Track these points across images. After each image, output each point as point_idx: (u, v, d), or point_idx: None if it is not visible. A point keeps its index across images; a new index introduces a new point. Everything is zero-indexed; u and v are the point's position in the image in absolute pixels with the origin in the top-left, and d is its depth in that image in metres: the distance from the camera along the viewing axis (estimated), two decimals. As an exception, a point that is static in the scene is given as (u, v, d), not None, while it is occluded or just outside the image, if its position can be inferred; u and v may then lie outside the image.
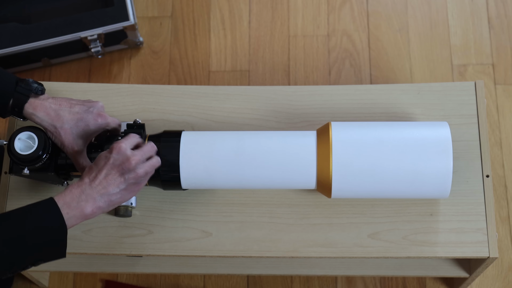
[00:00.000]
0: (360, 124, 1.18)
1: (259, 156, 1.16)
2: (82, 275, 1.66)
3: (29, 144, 1.13)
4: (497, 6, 1.88)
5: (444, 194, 1.16)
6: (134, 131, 1.18)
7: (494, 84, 1.81)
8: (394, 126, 1.17)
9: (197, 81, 1.85)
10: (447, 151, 1.13)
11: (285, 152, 1.16)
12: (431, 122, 1.18)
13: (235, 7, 1.92)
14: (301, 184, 1.17)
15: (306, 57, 1.86)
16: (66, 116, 1.16)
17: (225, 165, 1.16)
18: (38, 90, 1.17)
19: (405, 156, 1.13)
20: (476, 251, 1.22)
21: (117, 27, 1.77)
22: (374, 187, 1.15)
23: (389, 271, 1.47)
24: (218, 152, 1.16)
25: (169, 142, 1.17)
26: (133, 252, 1.24)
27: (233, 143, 1.17)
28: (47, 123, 1.15)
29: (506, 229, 1.67)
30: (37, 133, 1.14)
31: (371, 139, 1.14)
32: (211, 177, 1.17)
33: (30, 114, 1.15)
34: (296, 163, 1.15)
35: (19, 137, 1.13)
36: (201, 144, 1.17)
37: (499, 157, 1.73)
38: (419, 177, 1.13)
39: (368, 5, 1.91)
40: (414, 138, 1.14)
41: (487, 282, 1.64)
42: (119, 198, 1.10)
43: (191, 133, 1.20)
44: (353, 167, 1.13)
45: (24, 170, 1.14)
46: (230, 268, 1.47)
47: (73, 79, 1.86)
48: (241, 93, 1.34)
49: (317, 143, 1.16)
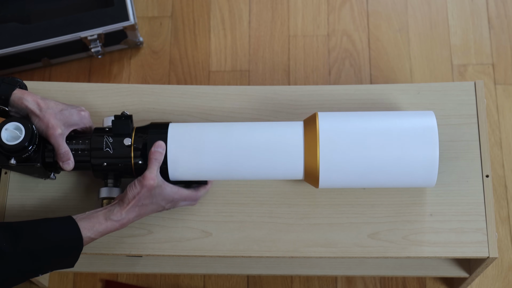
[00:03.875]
0: (347, 114, 1.19)
1: (246, 146, 1.16)
2: (82, 275, 1.66)
3: (16, 135, 1.14)
4: (497, 6, 1.88)
5: (431, 183, 1.16)
6: (122, 121, 1.18)
7: (494, 84, 1.81)
8: (380, 116, 1.18)
9: (197, 81, 1.85)
10: (433, 139, 1.13)
11: (272, 142, 1.16)
12: (417, 112, 1.19)
13: (235, 7, 1.92)
14: (288, 174, 1.18)
15: (306, 57, 1.86)
16: (52, 103, 1.19)
17: (212, 156, 1.16)
18: (22, 84, 1.22)
19: (391, 144, 1.14)
20: (476, 251, 1.22)
21: (117, 27, 1.77)
22: (361, 176, 1.15)
23: (389, 271, 1.47)
24: (205, 143, 1.16)
25: (156, 134, 1.18)
26: (133, 252, 1.24)
27: (220, 134, 1.17)
28: (34, 106, 1.17)
29: (506, 229, 1.67)
30: (24, 123, 1.14)
31: (357, 129, 1.15)
32: (199, 168, 1.17)
33: (19, 98, 1.17)
34: (283, 153, 1.16)
35: (6, 128, 1.14)
36: (188, 135, 1.17)
37: (499, 157, 1.73)
38: (405, 165, 1.14)
39: (368, 5, 1.91)
40: (400, 127, 1.15)
41: (487, 282, 1.64)
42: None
43: (178, 124, 1.20)
44: (340, 156, 1.14)
45: (11, 160, 1.15)
46: (230, 268, 1.47)
47: (73, 79, 1.86)
48: (241, 93, 1.34)
49: (304, 133, 1.16)
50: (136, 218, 1.17)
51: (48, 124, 1.17)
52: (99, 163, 1.18)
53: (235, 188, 1.27)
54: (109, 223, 1.14)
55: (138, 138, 1.18)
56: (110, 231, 1.15)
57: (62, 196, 1.27)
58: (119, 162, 1.18)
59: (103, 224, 1.13)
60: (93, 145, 1.18)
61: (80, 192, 1.27)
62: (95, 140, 1.19)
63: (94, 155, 1.18)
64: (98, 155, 1.18)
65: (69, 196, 1.27)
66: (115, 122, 1.18)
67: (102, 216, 1.14)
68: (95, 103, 1.33)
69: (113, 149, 1.18)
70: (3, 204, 1.27)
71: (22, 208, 1.27)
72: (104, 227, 1.13)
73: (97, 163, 1.18)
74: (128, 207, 1.15)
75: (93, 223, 1.13)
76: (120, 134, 1.18)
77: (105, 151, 1.18)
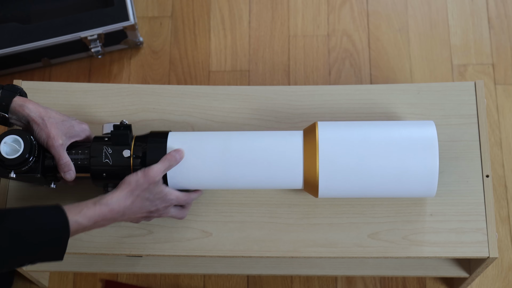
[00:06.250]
0: (346, 124, 1.19)
1: (245, 156, 1.16)
2: (82, 275, 1.66)
3: (15, 148, 1.13)
4: (497, 6, 1.88)
5: (431, 193, 1.16)
6: (121, 132, 1.18)
7: (494, 84, 1.81)
8: (380, 126, 1.18)
9: (197, 81, 1.85)
10: (433, 150, 1.13)
11: (271, 152, 1.16)
12: (417, 121, 1.19)
13: (235, 7, 1.92)
14: (288, 183, 1.17)
15: (306, 57, 1.86)
16: (54, 113, 1.18)
17: (212, 165, 1.16)
18: (22, 92, 1.21)
19: (391, 155, 1.13)
20: (476, 251, 1.22)
21: (117, 27, 1.77)
22: (361, 186, 1.15)
23: (389, 271, 1.47)
24: (204, 152, 1.16)
25: (156, 142, 1.18)
26: (133, 252, 1.24)
27: (219, 143, 1.17)
28: (35, 114, 1.16)
29: (506, 229, 1.67)
30: (23, 136, 1.13)
31: (357, 139, 1.15)
32: (198, 177, 1.17)
33: (20, 106, 1.16)
34: (282, 163, 1.15)
35: (5, 141, 1.13)
36: (188, 145, 1.17)
37: (499, 157, 1.73)
38: (405, 176, 1.14)
39: (368, 5, 1.91)
40: (400, 137, 1.15)
41: (487, 282, 1.64)
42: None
43: (177, 133, 1.20)
44: (340, 167, 1.14)
45: (11, 173, 1.14)
46: (230, 268, 1.47)
47: (73, 79, 1.86)
48: (241, 93, 1.34)
49: (303, 142, 1.16)
50: (127, 211, 1.13)
51: (49, 134, 1.15)
52: (98, 173, 1.18)
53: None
54: (98, 207, 1.10)
55: (137, 147, 1.18)
56: (101, 217, 1.11)
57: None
58: (119, 172, 1.18)
59: (91, 209, 1.09)
60: (93, 155, 1.18)
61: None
62: (95, 149, 1.18)
63: (94, 164, 1.18)
64: (98, 165, 1.18)
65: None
66: (114, 133, 1.18)
67: (91, 201, 1.11)
68: (95, 103, 1.33)
69: (112, 160, 1.18)
70: (3, 205, 1.27)
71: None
72: (93, 211, 1.09)
73: (96, 173, 1.18)
74: (123, 193, 1.12)
75: (81, 208, 1.09)
76: (119, 144, 1.18)
77: (104, 162, 1.18)
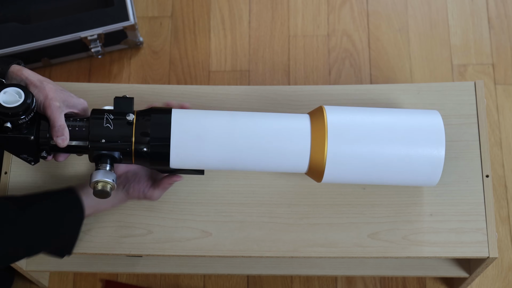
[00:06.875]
0: (353, 109, 1.18)
1: (251, 135, 1.13)
2: (82, 275, 1.66)
3: (15, 98, 1.10)
4: (497, 6, 1.88)
5: (434, 181, 1.16)
6: (124, 99, 1.15)
7: (494, 84, 1.81)
8: (386, 111, 1.17)
9: (197, 81, 1.85)
10: (440, 138, 1.13)
11: (278, 133, 1.14)
12: (422, 110, 1.18)
13: (235, 7, 1.92)
14: (292, 166, 1.15)
15: (306, 57, 1.86)
16: (51, 82, 1.15)
17: (216, 144, 1.13)
18: (21, 63, 1.18)
19: (399, 140, 1.13)
20: (476, 251, 1.22)
21: (117, 27, 1.77)
22: (365, 171, 1.14)
23: (389, 271, 1.47)
24: (210, 130, 1.13)
25: (160, 117, 1.14)
26: (133, 252, 1.24)
27: (225, 122, 1.14)
28: (34, 78, 1.14)
29: (506, 229, 1.67)
30: (24, 89, 1.10)
31: (365, 123, 1.14)
32: (201, 156, 1.14)
33: (18, 70, 1.13)
34: (288, 145, 1.13)
35: (6, 91, 1.10)
36: (193, 121, 1.14)
37: (499, 157, 1.73)
38: (411, 162, 1.13)
39: (368, 5, 1.91)
40: (408, 123, 1.14)
41: (487, 282, 1.64)
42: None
43: (181, 110, 1.16)
44: (347, 150, 1.12)
45: (6, 123, 1.10)
46: (230, 268, 1.47)
47: (73, 79, 1.86)
48: (241, 93, 1.34)
49: (311, 125, 1.15)
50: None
51: (47, 95, 1.12)
52: (97, 140, 1.13)
53: (235, 188, 1.27)
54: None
55: (140, 118, 1.14)
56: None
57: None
58: (119, 139, 1.13)
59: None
60: (92, 121, 1.13)
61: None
62: (95, 116, 1.14)
63: (93, 132, 1.13)
64: (97, 131, 1.12)
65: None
66: (118, 100, 1.15)
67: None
68: (95, 103, 1.33)
69: (114, 125, 1.13)
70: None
71: (22, 208, 1.26)
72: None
73: (95, 140, 1.13)
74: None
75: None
76: (122, 110, 1.14)
77: (105, 127, 1.12)
